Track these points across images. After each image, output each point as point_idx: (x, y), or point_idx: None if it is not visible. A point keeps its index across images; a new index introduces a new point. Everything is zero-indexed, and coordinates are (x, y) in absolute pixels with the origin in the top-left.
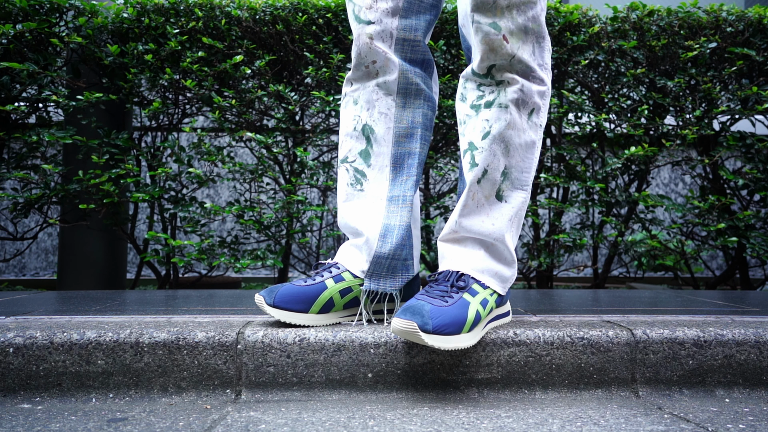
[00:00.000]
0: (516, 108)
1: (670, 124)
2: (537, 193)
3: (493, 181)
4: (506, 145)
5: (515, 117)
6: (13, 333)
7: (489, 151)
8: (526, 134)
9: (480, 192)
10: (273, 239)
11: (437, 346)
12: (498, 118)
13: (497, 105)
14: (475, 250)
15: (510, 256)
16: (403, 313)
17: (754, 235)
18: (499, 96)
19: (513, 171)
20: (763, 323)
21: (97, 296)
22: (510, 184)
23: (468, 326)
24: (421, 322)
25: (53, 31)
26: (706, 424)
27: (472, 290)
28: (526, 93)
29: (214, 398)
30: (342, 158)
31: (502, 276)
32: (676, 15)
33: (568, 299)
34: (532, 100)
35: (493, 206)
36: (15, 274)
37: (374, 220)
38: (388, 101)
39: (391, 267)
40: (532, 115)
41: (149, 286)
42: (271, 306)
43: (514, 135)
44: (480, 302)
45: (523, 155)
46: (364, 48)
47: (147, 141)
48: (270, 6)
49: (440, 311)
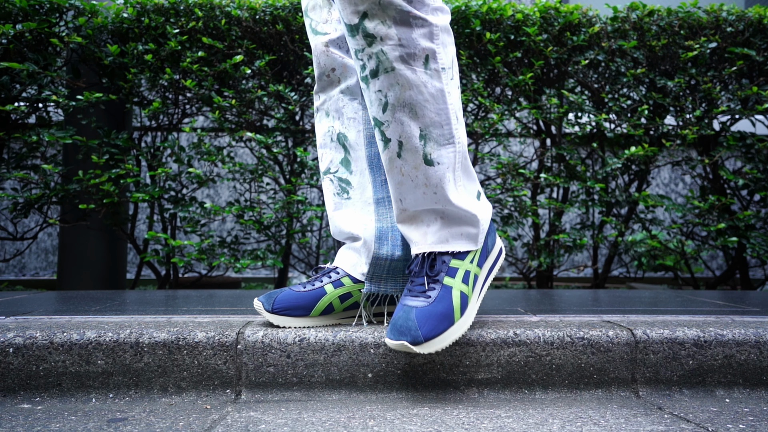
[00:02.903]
0: (404, 65)
1: (670, 124)
2: (537, 193)
3: (414, 150)
4: (411, 108)
5: (407, 75)
6: (13, 333)
7: (395, 122)
8: (429, 86)
9: (406, 165)
10: (273, 239)
11: (434, 350)
12: (390, 84)
13: (383, 71)
14: (432, 224)
15: (467, 213)
16: (392, 332)
17: (754, 235)
18: (380, 60)
19: (431, 129)
20: (763, 323)
21: (97, 296)
22: (435, 144)
23: (458, 312)
24: (411, 338)
25: (53, 31)
26: (706, 424)
27: (451, 269)
28: (408, 43)
29: (214, 398)
30: (324, 170)
31: (469, 234)
32: (676, 15)
33: (568, 299)
34: (419, 48)
35: (428, 174)
36: (15, 274)
37: (367, 224)
38: (354, 105)
39: (391, 268)
40: (429, 62)
41: (149, 286)
42: (269, 312)
43: (415, 95)
44: (462, 279)
45: (436, 110)
46: (321, 56)
47: (147, 141)
48: (270, 6)
49: (425, 314)
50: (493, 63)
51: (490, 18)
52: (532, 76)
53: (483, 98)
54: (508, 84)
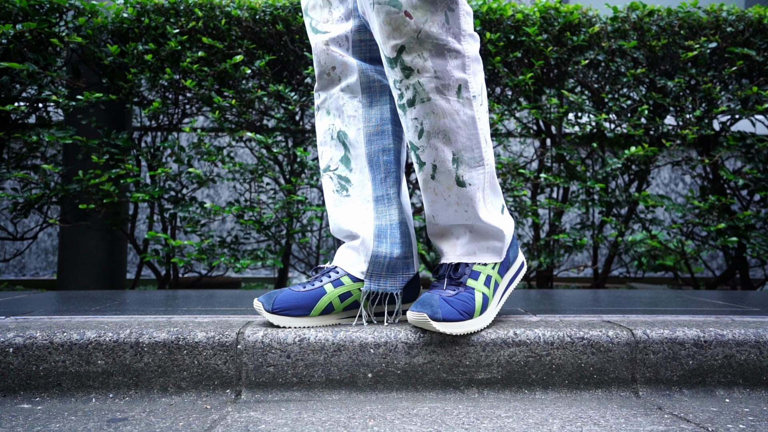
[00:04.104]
0: (439, 95)
1: (670, 124)
2: (537, 193)
3: (447, 173)
4: (445, 135)
5: (442, 105)
6: (13, 333)
7: (430, 148)
8: (462, 114)
9: (440, 186)
10: (273, 239)
11: (450, 332)
12: (426, 114)
13: (419, 101)
14: (461, 237)
15: (494, 229)
16: (416, 306)
17: (754, 235)
18: (417, 91)
19: (463, 154)
20: (763, 323)
21: (97, 296)
22: (466, 167)
23: (478, 310)
24: (431, 312)
25: (53, 31)
26: (706, 424)
27: (474, 273)
28: (443, 75)
29: (214, 398)
30: (324, 167)
31: (494, 247)
32: (676, 15)
33: (568, 299)
34: (453, 79)
35: (460, 194)
36: (15, 274)
37: (367, 221)
38: (354, 103)
39: (390, 266)
40: (461, 91)
41: (149, 286)
42: (269, 312)
43: (448, 122)
44: (484, 282)
45: (468, 135)
46: (321, 55)
47: (147, 141)
48: (270, 6)
49: (448, 300)
50: (493, 63)
51: (490, 18)
52: (532, 76)
53: None
54: (508, 84)
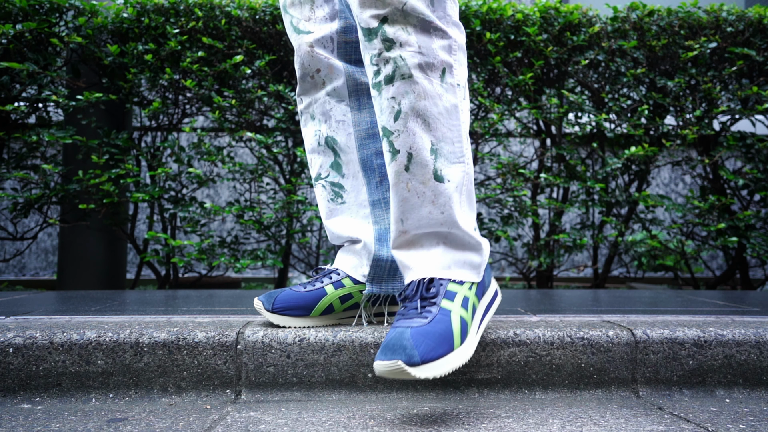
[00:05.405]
0: (422, 73)
1: (670, 124)
2: (537, 193)
3: (424, 164)
4: (425, 120)
5: (424, 84)
6: (13, 333)
7: (406, 132)
8: (444, 100)
9: (414, 179)
10: (273, 239)
11: (432, 375)
12: (405, 92)
13: (399, 77)
14: (434, 247)
15: (472, 239)
16: (383, 352)
17: (754, 235)
18: (397, 65)
19: (443, 146)
20: (763, 323)
21: (97, 296)
22: (445, 161)
23: (458, 338)
24: (406, 357)
25: (53, 31)
26: (706, 424)
27: (449, 293)
28: (427, 53)
29: (214, 398)
30: (315, 176)
31: (472, 263)
32: (676, 15)
33: (568, 299)
34: (437, 59)
35: (436, 191)
36: (15, 274)
37: (366, 226)
38: (342, 108)
39: (392, 269)
40: (445, 75)
41: (149, 286)
42: (270, 312)
43: (429, 105)
44: (461, 304)
45: (448, 124)
46: (306, 57)
47: (147, 141)
48: (270, 6)
49: (422, 333)
50: (493, 63)
51: (490, 18)
52: (532, 76)
53: (483, 98)
54: (508, 84)
